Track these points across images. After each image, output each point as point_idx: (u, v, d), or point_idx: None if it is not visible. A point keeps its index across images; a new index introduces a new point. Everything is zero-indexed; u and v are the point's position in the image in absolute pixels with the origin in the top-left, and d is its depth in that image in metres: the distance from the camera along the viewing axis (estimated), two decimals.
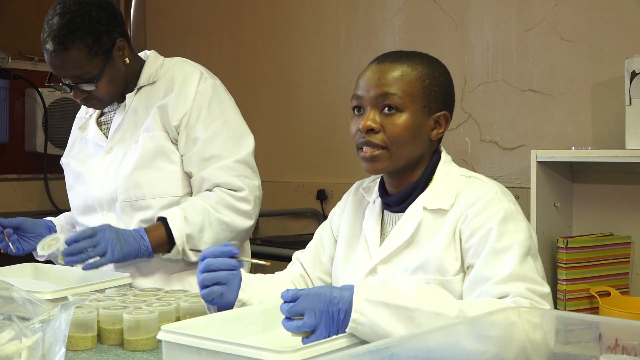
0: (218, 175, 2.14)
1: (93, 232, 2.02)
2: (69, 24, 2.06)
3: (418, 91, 1.62)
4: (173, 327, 1.46)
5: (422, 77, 1.63)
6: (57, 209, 4.22)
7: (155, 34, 4.91)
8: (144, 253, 2.07)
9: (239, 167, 2.17)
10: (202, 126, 2.15)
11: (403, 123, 1.61)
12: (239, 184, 2.15)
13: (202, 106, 2.17)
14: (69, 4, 2.09)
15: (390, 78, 1.62)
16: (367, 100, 1.63)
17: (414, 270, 1.60)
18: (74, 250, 1.99)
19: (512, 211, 1.58)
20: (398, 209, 1.69)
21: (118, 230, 2.06)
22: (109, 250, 2.01)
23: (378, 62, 1.66)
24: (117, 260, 2.04)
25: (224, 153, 2.16)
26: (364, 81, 1.65)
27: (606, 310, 2.60)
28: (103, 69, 2.12)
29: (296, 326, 1.39)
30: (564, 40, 3.13)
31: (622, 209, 2.93)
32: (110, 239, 2.02)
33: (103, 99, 2.20)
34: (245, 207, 2.15)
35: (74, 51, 2.07)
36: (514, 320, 1.31)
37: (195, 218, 2.10)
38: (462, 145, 3.44)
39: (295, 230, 4.07)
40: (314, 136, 4.07)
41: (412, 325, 1.38)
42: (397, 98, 1.60)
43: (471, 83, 3.42)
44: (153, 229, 2.10)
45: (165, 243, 2.10)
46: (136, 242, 2.06)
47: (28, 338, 1.44)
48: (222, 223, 2.12)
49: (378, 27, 3.78)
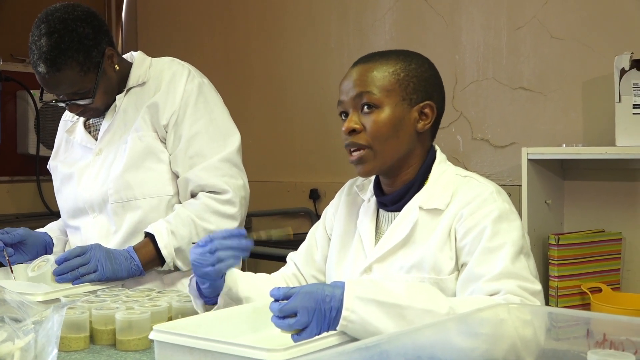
0: (202, 177, 2.14)
1: (83, 250, 2.03)
2: (58, 44, 2.03)
3: (393, 85, 1.63)
4: (165, 326, 1.46)
5: (396, 71, 1.64)
6: (50, 211, 4.22)
7: (147, 34, 4.91)
8: (135, 272, 2.09)
9: (224, 167, 2.16)
10: (187, 124, 2.15)
11: (382, 119, 1.62)
12: (223, 187, 2.14)
13: (188, 104, 2.17)
14: (54, 22, 2.05)
15: (366, 77, 1.64)
16: (348, 104, 1.66)
17: (409, 269, 1.61)
18: (64, 268, 2.00)
19: (506, 210, 1.59)
20: (393, 208, 1.69)
21: (108, 249, 2.07)
22: (100, 267, 2.01)
23: (354, 65, 1.69)
24: (107, 278, 2.03)
25: (207, 151, 2.15)
26: (344, 86, 1.67)
27: (597, 306, 2.61)
28: (97, 82, 2.11)
29: (288, 324, 1.40)
30: (554, 38, 3.14)
31: (613, 206, 2.94)
32: (100, 256, 2.02)
33: (99, 108, 2.20)
34: (231, 211, 2.15)
35: (67, 70, 2.06)
36: (504, 317, 1.31)
37: (182, 230, 2.11)
38: (454, 143, 3.45)
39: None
40: (306, 136, 4.08)
41: (403, 322, 1.39)
42: (373, 95, 1.62)
43: (462, 81, 3.43)
44: (141, 247, 2.11)
45: (155, 259, 2.11)
46: (127, 261, 2.07)
47: (20, 339, 1.44)
48: (208, 232, 2.11)
49: (369, 26, 3.79)
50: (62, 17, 2.06)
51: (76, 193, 2.24)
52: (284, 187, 4.10)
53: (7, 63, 4.32)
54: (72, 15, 2.07)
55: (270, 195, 4.10)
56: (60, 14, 2.06)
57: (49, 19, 2.06)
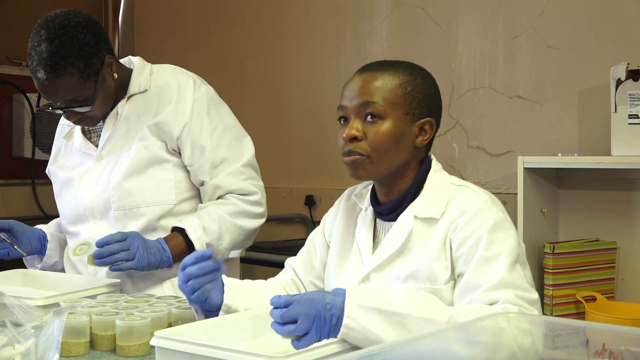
0: (230, 181, 2.19)
1: (124, 236, 2.04)
2: (59, 51, 2.01)
3: (399, 98, 1.64)
4: (166, 333, 1.47)
5: (404, 85, 1.65)
6: (45, 215, 4.21)
7: (144, 41, 4.91)
8: (165, 263, 2.11)
9: (247, 171, 2.23)
10: (207, 134, 2.18)
11: (385, 130, 1.63)
12: (251, 189, 2.22)
13: (201, 114, 2.18)
14: (54, 28, 2.03)
15: (372, 87, 1.64)
16: (351, 110, 1.66)
17: (405, 279, 1.62)
18: (105, 252, 2.01)
19: (501, 219, 1.61)
20: (390, 217, 1.71)
21: (145, 239, 2.09)
22: (137, 255, 2.03)
23: (360, 72, 1.70)
24: (142, 268, 2.05)
25: (230, 157, 2.21)
26: (348, 91, 1.68)
27: (592, 315, 2.62)
28: (96, 89, 2.10)
29: (288, 330, 1.40)
30: (550, 48, 3.16)
31: (608, 215, 2.96)
32: (139, 245, 2.05)
33: (97, 117, 2.18)
34: (259, 210, 2.23)
35: (67, 77, 2.04)
36: (503, 326, 1.32)
37: (213, 226, 2.14)
38: (450, 151, 3.47)
39: (283, 235, 4.08)
40: (303, 142, 4.09)
41: (403, 331, 1.40)
42: (379, 106, 1.63)
43: (458, 90, 3.44)
44: (171, 239, 2.13)
45: (185, 252, 2.09)
46: (159, 252, 2.09)
47: (21, 344, 1.45)
48: (238, 228, 2.18)
49: (366, 34, 3.80)
50: (63, 23, 2.04)
51: (76, 199, 2.24)
52: (280, 193, 4.11)
53: (4, 66, 4.32)
54: (72, 22, 2.06)
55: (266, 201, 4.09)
56: (61, 20, 2.05)
57: (49, 25, 2.04)
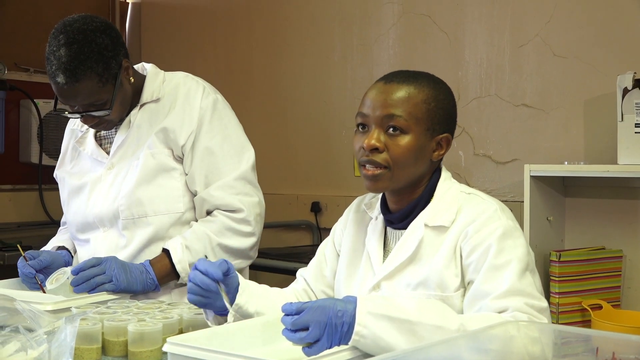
0: (217, 196, 2.16)
1: (99, 261, 2.04)
2: (78, 55, 2.02)
3: (423, 114, 1.65)
4: (178, 339, 1.48)
5: (428, 100, 1.65)
6: (52, 220, 4.23)
7: (150, 48, 4.93)
8: (150, 286, 2.11)
9: (239, 185, 2.19)
10: (202, 142, 2.17)
11: (406, 145, 1.64)
12: (237, 205, 2.17)
13: (203, 122, 2.18)
14: (73, 33, 2.04)
15: (397, 99, 1.64)
16: (373, 119, 1.65)
17: (416, 286, 1.64)
18: (80, 278, 2.01)
19: (510, 228, 1.62)
20: (400, 225, 1.72)
21: (123, 262, 2.09)
22: (114, 278, 2.03)
23: (385, 81, 1.68)
24: (123, 289, 2.05)
25: (223, 169, 2.18)
26: (370, 100, 1.67)
27: (598, 323, 2.63)
28: (114, 93, 2.11)
29: (299, 337, 1.41)
30: (557, 56, 3.17)
31: (614, 223, 2.96)
32: (115, 267, 2.04)
33: (114, 121, 2.19)
34: (246, 229, 2.19)
35: (86, 81, 2.05)
36: (513, 334, 1.34)
37: (197, 245, 2.13)
38: (456, 159, 3.48)
39: (289, 242, 4.09)
40: (309, 149, 4.10)
41: (414, 338, 1.41)
42: (402, 120, 1.63)
43: (465, 98, 3.45)
44: (157, 261, 2.13)
45: (171, 273, 2.13)
46: (142, 274, 2.09)
47: (34, 350, 1.46)
48: (223, 247, 2.16)
49: (372, 41, 3.81)
50: (81, 27, 2.05)
51: (86, 208, 2.24)
52: (286, 199, 4.11)
53: (11, 72, 4.34)
54: (91, 26, 2.07)
55: (271, 207, 4.05)
56: (79, 24, 2.06)
57: (68, 29, 2.05)
